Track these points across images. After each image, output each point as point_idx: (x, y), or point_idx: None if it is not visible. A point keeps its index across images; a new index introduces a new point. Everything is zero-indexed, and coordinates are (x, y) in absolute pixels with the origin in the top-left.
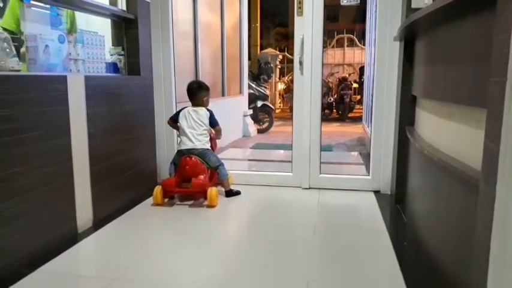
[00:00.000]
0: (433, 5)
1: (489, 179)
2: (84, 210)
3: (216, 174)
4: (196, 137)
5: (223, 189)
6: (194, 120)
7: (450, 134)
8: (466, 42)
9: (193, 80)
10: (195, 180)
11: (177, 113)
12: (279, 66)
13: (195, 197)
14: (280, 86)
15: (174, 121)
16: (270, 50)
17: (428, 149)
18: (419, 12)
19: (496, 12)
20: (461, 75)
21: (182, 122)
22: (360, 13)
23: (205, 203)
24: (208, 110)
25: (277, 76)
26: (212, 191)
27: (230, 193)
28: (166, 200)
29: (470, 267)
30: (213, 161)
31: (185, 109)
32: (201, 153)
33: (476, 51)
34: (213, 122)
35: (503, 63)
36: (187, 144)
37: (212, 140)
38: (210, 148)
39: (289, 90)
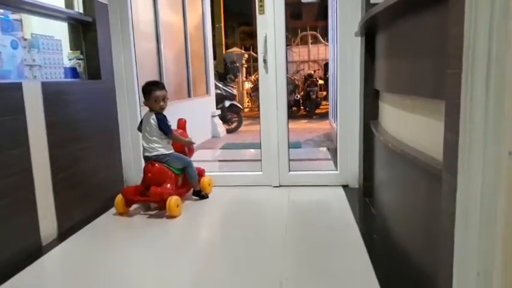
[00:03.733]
0: None
1: (450, 169)
2: (47, 222)
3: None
4: (149, 145)
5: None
6: (146, 126)
7: (413, 126)
8: (424, 35)
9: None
10: (153, 188)
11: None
12: (245, 65)
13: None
14: (248, 85)
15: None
16: (235, 49)
17: (392, 142)
18: (378, 6)
19: (449, 5)
20: (421, 68)
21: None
22: (322, 10)
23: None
24: (159, 115)
25: (244, 75)
26: (171, 200)
27: (197, 193)
28: (130, 208)
29: (436, 256)
30: (177, 165)
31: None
32: (162, 160)
33: (434, 44)
34: (164, 129)
35: (458, 56)
36: (144, 152)
37: (184, 146)
38: (171, 152)
39: (256, 89)
